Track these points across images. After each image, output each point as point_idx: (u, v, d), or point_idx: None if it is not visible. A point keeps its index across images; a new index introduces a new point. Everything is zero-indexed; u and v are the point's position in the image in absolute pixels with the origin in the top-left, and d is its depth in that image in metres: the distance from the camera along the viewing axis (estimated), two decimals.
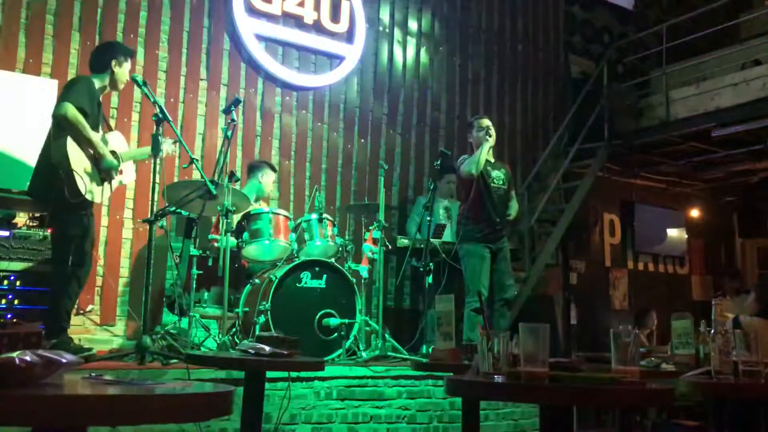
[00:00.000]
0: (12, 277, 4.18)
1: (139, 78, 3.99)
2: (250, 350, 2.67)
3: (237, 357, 2.58)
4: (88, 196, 3.77)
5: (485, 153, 5.07)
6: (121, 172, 4.05)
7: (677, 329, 3.63)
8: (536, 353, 1.72)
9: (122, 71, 4.07)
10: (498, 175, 5.17)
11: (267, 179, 5.25)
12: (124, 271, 5.25)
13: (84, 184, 3.73)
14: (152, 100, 3.91)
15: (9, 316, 4.11)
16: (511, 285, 5.15)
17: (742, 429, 2.68)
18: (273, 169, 5.37)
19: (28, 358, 1.18)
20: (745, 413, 2.62)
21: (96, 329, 5.08)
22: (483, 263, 5.02)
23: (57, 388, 1.21)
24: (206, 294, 4.70)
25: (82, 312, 4.95)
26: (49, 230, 4.25)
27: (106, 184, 3.94)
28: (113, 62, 4.03)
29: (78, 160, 3.75)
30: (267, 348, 2.67)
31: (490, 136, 5.10)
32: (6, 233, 4.22)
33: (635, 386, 1.64)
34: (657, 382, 2.01)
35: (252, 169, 5.31)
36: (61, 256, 3.76)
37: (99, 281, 5.12)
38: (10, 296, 4.15)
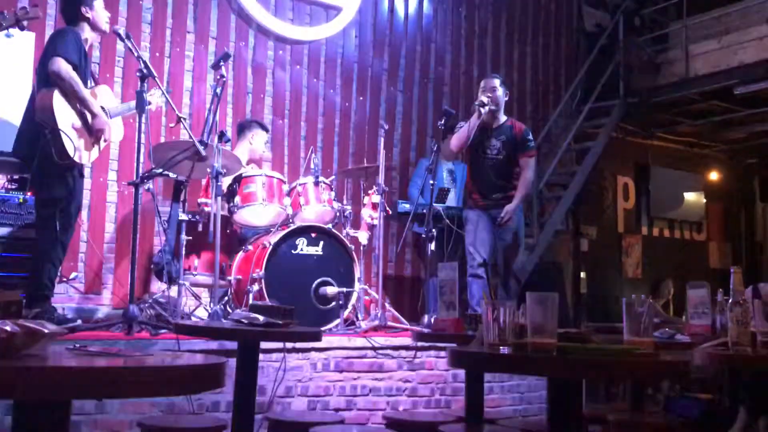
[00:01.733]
0: None
1: (122, 30, 3.94)
2: (243, 320, 2.69)
3: (229, 327, 2.60)
4: (76, 157, 3.75)
5: (473, 126, 4.94)
6: (109, 128, 4.03)
7: (693, 299, 3.68)
8: (544, 323, 1.73)
9: (97, 14, 4.01)
10: (494, 144, 5.07)
11: (258, 139, 5.23)
12: (109, 236, 5.26)
13: (72, 144, 3.70)
14: (136, 54, 3.87)
15: None
16: (512, 256, 5.14)
17: (758, 402, 2.71)
18: (264, 128, 5.34)
19: (8, 328, 1.18)
20: (762, 386, 2.65)
21: (80, 298, 5.11)
22: (476, 228, 5.02)
23: (39, 360, 1.21)
24: (196, 261, 4.71)
25: (65, 280, 4.97)
26: (29, 193, 4.24)
27: (94, 144, 3.93)
28: (83, 9, 3.96)
29: (65, 117, 3.72)
30: (261, 318, 2.68)
31: (483, 107, 4.90)
32: None
33: (648, 358, 1.66)
34: (671, 354, 2.02)
35: (242, 128, 5.28)
36: (46, 221, 3.75)
37: (83, 247, 5.13)
38: None
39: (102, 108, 3.97)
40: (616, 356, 1.64)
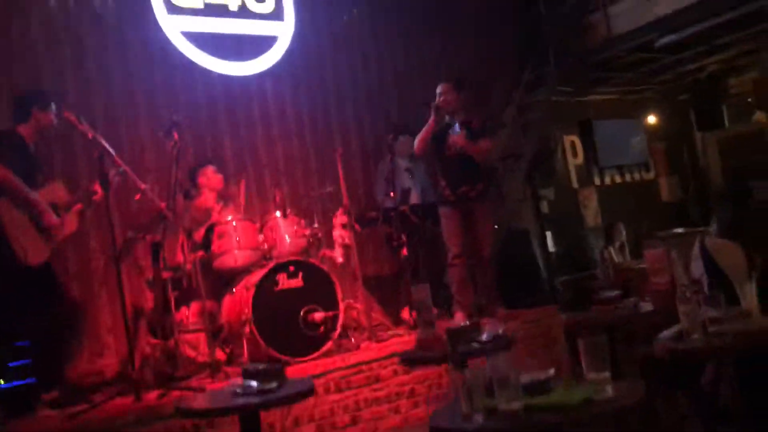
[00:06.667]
0: None
1: (74, 115, 3.86)
2: (237, 390, 2.72)
3: (229, 406, 2.63)
4: (28, 260, 3.63)
5: (431, 127, 5.11)
6: (62, 224, 3.91)
7: (650, 258, 3.82)
8: (507, 379, 1.77)
9: (47, 116, 3.89)
10: (455, 140, 5.14)
11: (209, 179, 5.14)
12: (102, 302, 5.10)
13: (24, 249, 3.60)
14: (91, 136, 3.80)
15: None
16: (485, 245, 5.22)
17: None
18: (203, 164, 5.22)
19: None
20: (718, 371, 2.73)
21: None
22: (449, 223, 5.19)
23: None
24: (187, 311, 4.69)
25: None
26: None
27: (48, 241, 3.81)
28: (34, 109, 3.85)
29: (13, 223, 3.61)
30: (254, 383, 2.72)
31: (438, 110, 5.06)
32: None
33: (607, 407, 1.69)
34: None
35: (194, 177, 5.17)
36: None
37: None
38: None
39: (53, 206, 3.85)
40: (579, 408, 1.67)
